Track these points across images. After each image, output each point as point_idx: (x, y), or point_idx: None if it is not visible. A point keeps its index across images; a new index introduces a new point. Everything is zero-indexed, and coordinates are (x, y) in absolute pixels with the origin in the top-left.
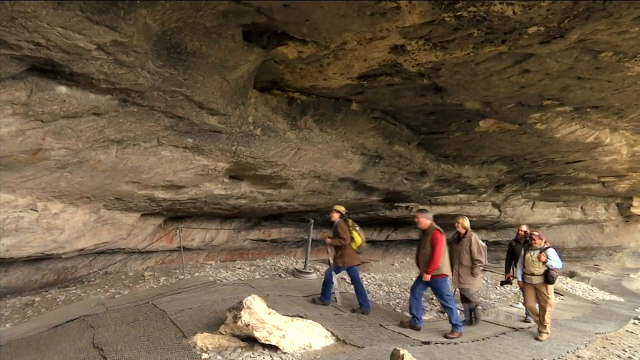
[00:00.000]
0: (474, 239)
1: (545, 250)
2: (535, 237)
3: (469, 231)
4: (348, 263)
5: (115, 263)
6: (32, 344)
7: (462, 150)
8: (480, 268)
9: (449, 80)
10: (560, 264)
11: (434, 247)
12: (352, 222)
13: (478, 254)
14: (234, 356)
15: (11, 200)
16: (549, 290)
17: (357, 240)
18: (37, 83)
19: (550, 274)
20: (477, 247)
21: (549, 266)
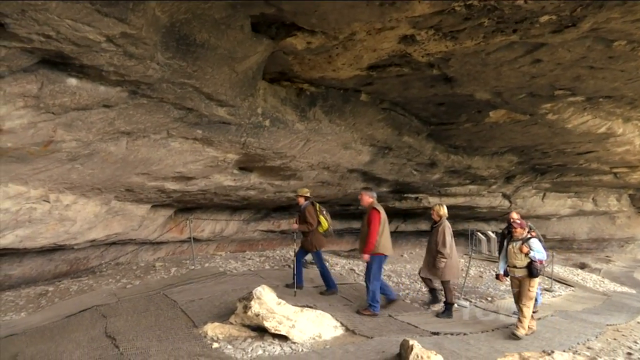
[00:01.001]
0: (441, 228)
1: (527, 240)
2: (516, 227)
3: (442, 220)
4: (318, 246)
5: (127, 254)
6: (47, 333)
7: (472, 141)
8: (442, 260)
9: (459, 70)
10: (544, 255)
11: (369, 225)
12: (319, 207)
13: (441, 246)
14: (244, 346)
15: (24, 191)
16: (533, 284)
17: (323, 224)
18: (47, 75)
19: (533, 266)
20: (443, 238)
21: (531, 258)
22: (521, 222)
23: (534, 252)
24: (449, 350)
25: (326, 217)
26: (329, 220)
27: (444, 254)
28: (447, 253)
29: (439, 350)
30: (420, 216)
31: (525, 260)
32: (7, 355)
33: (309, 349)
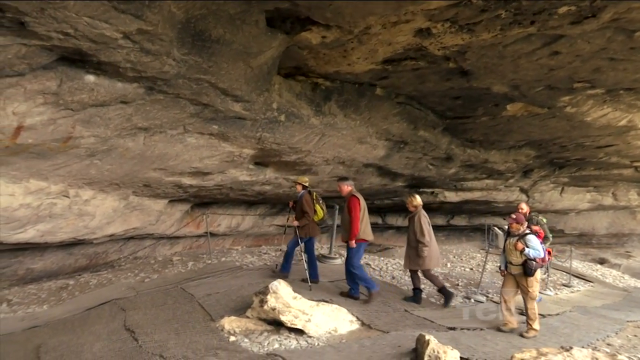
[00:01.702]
0: (417, 218)
1: (524, 237)
2: (512, 221)
3: (417, 210)
4: (311, 234)
5: (145, 248)
6: (68, 325)
7: (489, 135)
8: (424, 249)
9: (475, 63)
10: (541, 253)
11: (350, 212)
12: (316, 195)
13: (420, 235)
14: (260, 339)
15: (44, 187)
16: (529, 283)
17: (319, 213)
18: (66, 72)
19: (528, 264)
20: (420, 228)
21: (526, 255)
22: (517, 216)
23: (530, 249)
24: (466, 345)
25: (322, 206)
26: (324, 209)
27: (424, 242)
28: (427, 241)
29: (455, 346)
30: (436, 211)
31: (520, 258)
32: (30, 346)
33: (325, 343)
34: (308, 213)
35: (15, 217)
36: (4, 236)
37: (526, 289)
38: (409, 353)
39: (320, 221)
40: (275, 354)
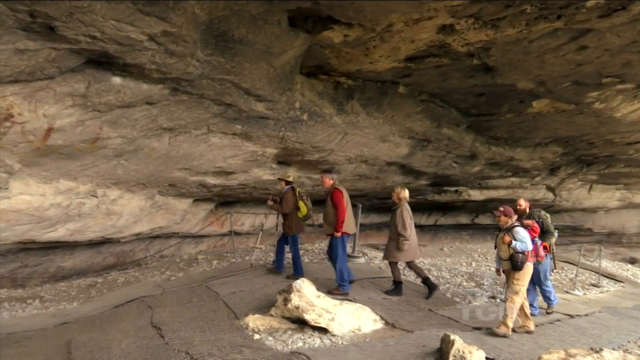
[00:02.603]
0: (399, 211)
1: (511, 229)
2: (499, 214)
3: (401, 202)
4: (295, 230)
5: (170, 247)
6: (97, 322)
7: (514, 132)
8: (404, 242)
9: (500, 59)
10: (527, 246)
11: (335, 205)
12: (299, 192)
13: (402, 228)
14: (284, 337)
15: (74, 187)
16: (517, 277)
17: (302, 209)
18: (93, 75)
19: (514, 257)
20: (402, 221)
21: (513, 248)
22: (505, 209)
23: (516, 242)
24: (491, 345)
25: (306, 202)
26: (308, 205)
27: (405, 235)
28: (408, 234)
29: (480, 346)
30: (460, 209)
31: (509, 251)
32: (61, 341)
33: (349, 342)
34: (283, 207)
35: (46, 216)
36: (36, 235)
37: (513, 285)
38: (434, 353)
39: (305, 217)
40: (299, 353)
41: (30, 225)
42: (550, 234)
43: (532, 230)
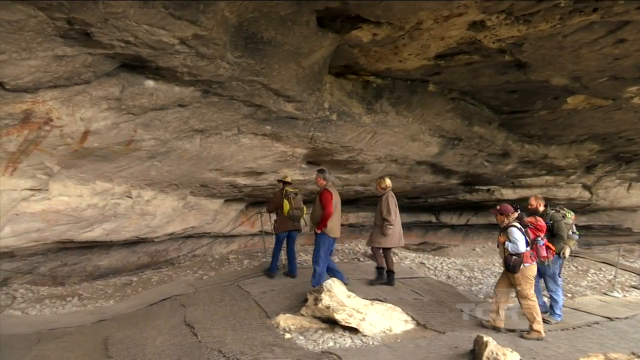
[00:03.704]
0: (384, 197)
1: (507, 229)
2: (495, 213)
3: (385, 191)
4: (281, 229)
5: (202, 246)
6: (132, 320)
7: (548, 129)
8: (389, 227)
9: (532, 55)
10: (518, 248)
11: (322, 205)
12: (286, 190)
13: (386, 213)
14: (315, 337)
15: (109, 188)
16: (517, 282)
17: (284, 207)
18: (127, 79)
19: (507, 259)
20: (387, 207)
21: (506, 248)
22: (502, 207)
23: (509, 242)
24: (526, 347)
25: (291, 200)
26: (292, 204)
27: (390, 220)
28: (393, 219)
29: (515, 348)
30: (492, 208)
31: (504, 252)
32: (99, 338)
33: (380, 342)
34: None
35: (83, 216)
36: (74, 235)
37: (514, 287)
38: (467, 354)
39: (290, 216)
40: (330, 352)
41: (68, 226)
42: (559, 237)
43: (536, 229)
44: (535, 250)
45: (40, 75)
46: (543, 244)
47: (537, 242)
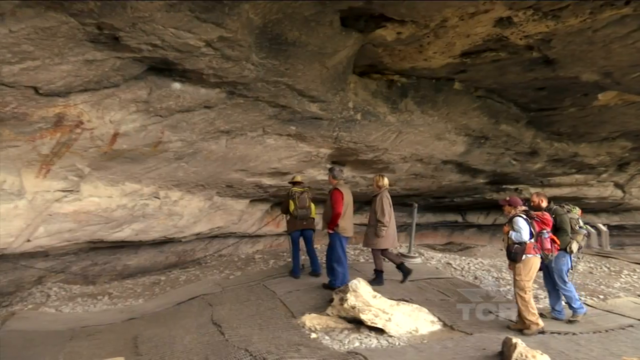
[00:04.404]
0: (379, 198)
1: (512, 219)
2: (504, 203)
3: (381, 190)
4: (291, 229)
5: (228, 246)
6: (160, 319)
7: (578, 127)
8: (382, 228)
9: (561, 51)
10: (521, 237)
11: (332, 204)
12: (291, 191)
13: (380, 215)
14: (341, 337)
15: (138, 189)
16: (517, 271)
17: (290, 207)
18: (155, 81)
19: (509, 247)
20: (381, 208)
21: (509, 237)
22: (511, 198)
23: (513, 231)
24: (556, 350)
25: (296, 201)
26: (297, 204)
27: (384, 222)
28: (387, 221)
29: (544, 350)
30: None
31: (508, 242)
32: (129, 336)
33: (406, 343)
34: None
35: (113, 217)
36: (104, 235)
37: (513, 278)
38: (495, 356)
39: (297, 216)
40: (356, 352)
41: (99, 226)
42: (563, 231)
43: (542, 222)
44: (539, 242)
45: (71, 80)
46: (548, 237)
47: (541, 235)
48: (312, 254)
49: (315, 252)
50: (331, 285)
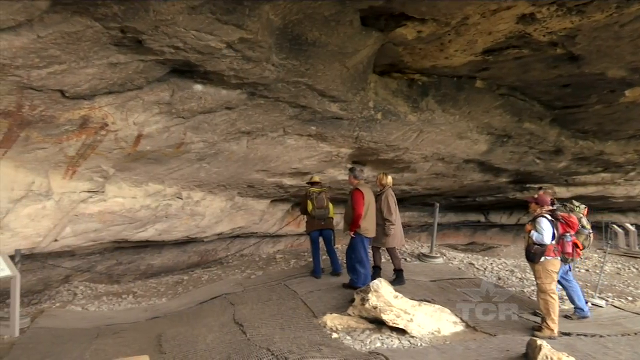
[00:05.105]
0: (384, 197)
1: (536, 219)
2: (531, 201)
3: (385, 189)
4: (310, 229)
5: (250, 246)
6: (184, 318)
7: (604, 124)
8: (391, 227)
9: (587, 47)
10: (544, 238)
11: (353, 206)
12: (308, 192)
13: (387, 213)
14: (362, 337)
15: (161, 190)
16: (538, 275)
17: (308, 207)
18: (177, 84)
19: (529, 247)
20: (388, 206)
21: (531, 237)
22: (540, 197)
23: (535, 232)
24: (583, 353)
25: (314, 201)
26: (315, 204)
27: (391, 221)
28: (394, 219)
29: (571, 353)
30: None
31: (529, 241)
32: (153, 335)
33: (428, 344)
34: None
35: (137, 217)
36: (129, 235)
37: (537, 280)
38: (519, 358)
39: (315, 216)
40: (378, 353)
41: (123, 226)
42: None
43: (567, 224)
44: (561, 245)
45: (96, 83)
46: (571, 240)
47: (564, 238)
48: (332, 254)
49: (335, 252)
50: (353, 285)
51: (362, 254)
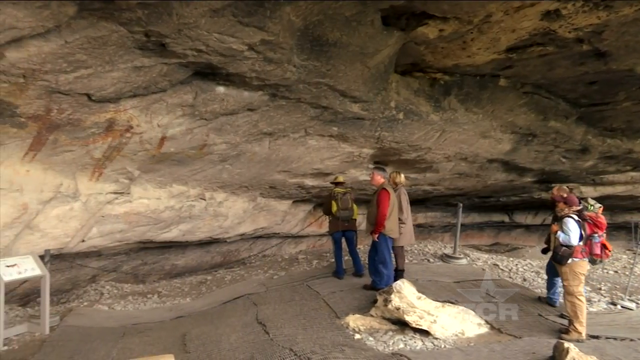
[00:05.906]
0: (396, 195)
1: (562, 219)
2: (558, 200)
3: (398, 187)
4: (333, 229)
5: (272, 247)
6: (207, 317)
7: (633, 122)
8: (401, 226)
9: (614, 43)
10: (571, 239)
11: (378, 206)
12: (332, 192)
13: (399, 212)
14: (385, 338)
15: (185, 191)
16: (565, 277)
17: (332, 207)
18: (200, 86)
19: (556, 249)
20: (400, 205)
21: (557, 238)
22: (568, 196)
23: (562, 233)
24: (612, 356)
25: (338, 202)
26: (339, 205)
27: (402, 219)
28: (405, 218)
29: (599, 356)
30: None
31: (555, 242)
32: (177, 334)
33: (452, 346)
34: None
35: (161, 218)
36: (153, 235)
37: (564, 282)
38: None
39: (339, 217)
40: (401, 354)
41: (148, 227)
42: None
43: (595, 225)
44: (588, 246)
45: (121, 86)
46: (599, 241)
47: (592, 239)
48: (354, 255)
49: (357, 252)
50: (375, 286)
51: (385, 254)
